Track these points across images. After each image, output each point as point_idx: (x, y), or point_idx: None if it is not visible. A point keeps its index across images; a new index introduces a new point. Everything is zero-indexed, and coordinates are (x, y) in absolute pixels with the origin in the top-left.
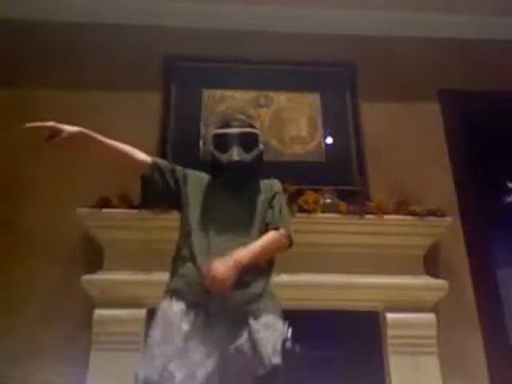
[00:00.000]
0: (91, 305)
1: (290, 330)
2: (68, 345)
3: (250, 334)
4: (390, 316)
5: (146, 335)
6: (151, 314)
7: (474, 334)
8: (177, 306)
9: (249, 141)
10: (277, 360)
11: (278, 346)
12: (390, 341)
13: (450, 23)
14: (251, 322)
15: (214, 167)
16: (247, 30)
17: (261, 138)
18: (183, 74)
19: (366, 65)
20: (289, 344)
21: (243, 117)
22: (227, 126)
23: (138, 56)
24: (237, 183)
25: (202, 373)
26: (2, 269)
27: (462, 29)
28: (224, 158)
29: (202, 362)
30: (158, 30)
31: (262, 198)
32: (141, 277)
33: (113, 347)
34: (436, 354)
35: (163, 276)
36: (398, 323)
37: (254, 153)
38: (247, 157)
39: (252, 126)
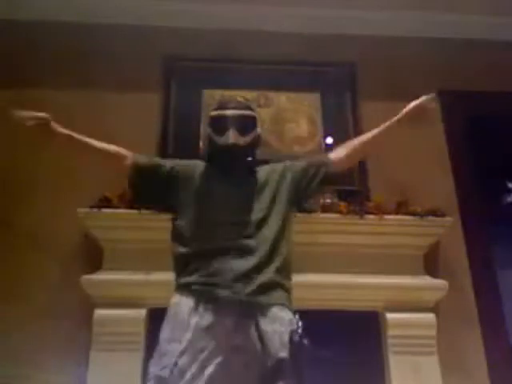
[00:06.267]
0: (91, 305)
1: (300, 322)
2: (68, 345)
3: (257, 327)
4: (389, 316)
5: (147, 335)
6: (151, 313)
7: (473, 334)
8: (186, 303)
9: (246, 123)
10: (284, 354)
11: (286, 339)
12: (389, 341)
13: (450, 23)
14: (258, 314)
15: (211, 150)
16: (247, 30)
17: (258, 121)
18: (183, 73)
19: (366, 65)
20: (297, 336)
21: (241, 99)
22: (225, 107)
23: (138, 56)
24: (232, 167)
25: (211, 368)
26: (2, 269)
27: (462, 29)
28: (220, 140)
29: (211, 357)
30: (158, 30)
31: (267, 183)
32: (141, 277)
33: (113, 347)
34: (436, 353)
35: (163, 276)
36: (397, 323)
37: (251, 136)
38: (243, 140)
39: (250, 109)
